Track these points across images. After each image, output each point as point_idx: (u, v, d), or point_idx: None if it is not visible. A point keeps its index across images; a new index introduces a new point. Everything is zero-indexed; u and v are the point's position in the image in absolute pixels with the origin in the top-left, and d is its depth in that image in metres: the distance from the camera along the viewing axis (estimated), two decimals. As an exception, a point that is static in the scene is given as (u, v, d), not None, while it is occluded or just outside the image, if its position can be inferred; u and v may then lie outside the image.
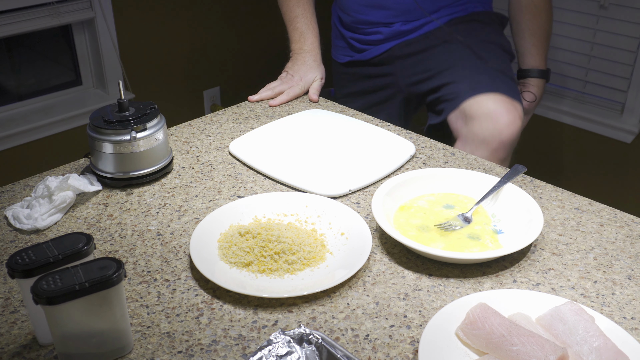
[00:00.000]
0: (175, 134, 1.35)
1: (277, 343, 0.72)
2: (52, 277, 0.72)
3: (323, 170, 1.19)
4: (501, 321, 0.79)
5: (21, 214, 1.03)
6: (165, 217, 1.07)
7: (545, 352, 0.74)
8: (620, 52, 2.48)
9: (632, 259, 0.97)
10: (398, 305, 0.88)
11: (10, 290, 0.91)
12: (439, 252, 0.93)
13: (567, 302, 0.83)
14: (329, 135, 1.31)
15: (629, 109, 2.53)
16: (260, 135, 1.31)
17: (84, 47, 2.66)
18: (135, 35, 2.71)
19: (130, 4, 2.65)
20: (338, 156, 1.24)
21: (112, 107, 1.16)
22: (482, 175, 1.11)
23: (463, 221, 1.02)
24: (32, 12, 2.41)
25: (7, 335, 0.83)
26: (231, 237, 0.99)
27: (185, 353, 0.80)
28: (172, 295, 0.90)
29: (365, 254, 0.93)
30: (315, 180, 1.15)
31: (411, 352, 0.80)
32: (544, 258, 0.98)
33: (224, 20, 3.00)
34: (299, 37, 1.56)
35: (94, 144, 1.13)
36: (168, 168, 1.19)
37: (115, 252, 0.99)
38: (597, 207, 1.10)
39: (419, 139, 1.32)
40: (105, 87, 2.71)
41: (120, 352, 0.79)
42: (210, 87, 3.09)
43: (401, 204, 1.07)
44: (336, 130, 1.33)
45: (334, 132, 1.32)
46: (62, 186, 1.06)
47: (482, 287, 0.92)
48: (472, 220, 1.03)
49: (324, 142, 1.28)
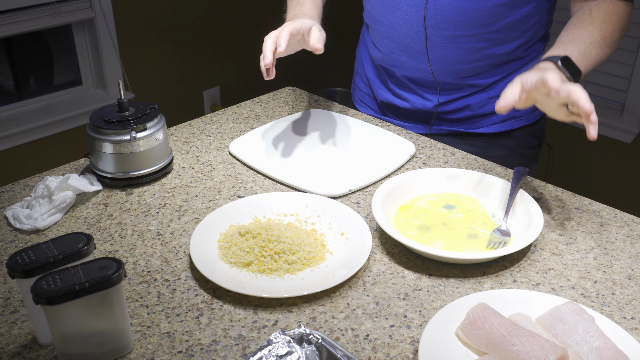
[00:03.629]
0: (175, 134, 1.35)
1: (277, 343, 0.72)
2: (52, 277, 0.72)
3: (323, 170, 1.19)
4: (501, 321, 0.79)
5: (21, 214, 1.03)
6: (165, 217, 1.07)
7: (545, 352, 0.73)
8: (620, 52, 2.48)
9: (632, 259, 0.97)
10: (398, 305, 0.88)
11: (10, 290, 0.91)
12: (439, 252, 0.93)
13: (567, 302, 0.83)
14: (329, 135, 1.31)
15: (629, 109, 2.53)
16: (260, 135, 1.31)
17: (84, 47, 2.66)
18: (135, 35, 2.71)
19: (130, 4, 2.65)
20: (338, 156, 1.24)
21: (112, 107, 1.15)
22: (482, 175, 1.11)
23: (502, 236, 1.00)
24: (32, 12, 2.41)
25: (7, 335, 0.83)
26: (231, 237, 0.99)
27: (185, 353, 0.80)
28: (172, 295, 0.90)
29: (365, 254, 0.93)
30: (315, 180, 1.15)
31: (411, 352, 0.80)
32: (544, 258, 0.97)
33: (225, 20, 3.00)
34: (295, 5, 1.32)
35: (94, 144, 1.13)
36: (168, 168, 1.19)
37: (115, 252, 0.99)
38: (597, 207, 1.10)
39: (419, 139, 1.32)
40: (105, 87, 2.71)
41: (120, 352, 0.79)
42: (210, 87, 3.09)
43: (401, 204, 1.07)
44: (336, 130, 1.33)
45: (334, 132, 1.32)
46: (62, 186, 1.06)
47: (482, 287, 0.92)
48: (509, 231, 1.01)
49: (324, 142, 1.28)
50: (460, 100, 1.36)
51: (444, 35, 1.27)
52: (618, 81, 2.54)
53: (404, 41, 1.32)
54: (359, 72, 1.54)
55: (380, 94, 1.45)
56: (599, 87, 2.60)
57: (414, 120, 1.41)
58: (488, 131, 1.39)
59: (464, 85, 1.34)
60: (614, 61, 2.51)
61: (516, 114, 1.38)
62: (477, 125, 1.39)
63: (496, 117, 1.38)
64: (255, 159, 1.22)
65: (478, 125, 1.39)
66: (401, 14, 1.29)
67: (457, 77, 1.33)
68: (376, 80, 1.46)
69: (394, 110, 1.44)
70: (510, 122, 1.39)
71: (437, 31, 1.27)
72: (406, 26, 1.30)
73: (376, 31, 1.38)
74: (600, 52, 1.17)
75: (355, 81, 1.57)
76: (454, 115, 1.37)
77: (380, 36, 1.37)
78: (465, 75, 1.33)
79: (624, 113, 2.55)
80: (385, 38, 1.35)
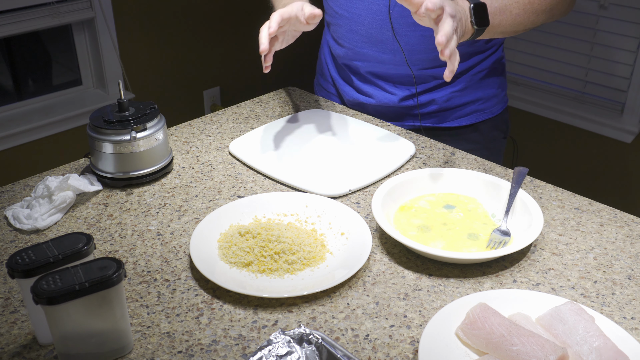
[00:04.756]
0: (175, 134, 1.35)
1: (277, 343, 0.72)
2: (52, 277, 0.72)
3: (323, 170, 1.19)
4: (501, 321, 0.79)
5: (21, 214, 1.03)
6: (165, 217, 1.07)
7: (545, 352, 0.74)
8: (620, 52, 2.48)
9: (632, 259, 0.97)
10: (398, 305, 0.88)
11: (10, 290, 0.91)
12: (439, 252, 0.93)
13: (567, 302, 0.83)
14: (329, 135, 1.31)
15: (629, 109, 2.53)
16: (260, 135, 1.31)
17: (84, 47, 2.66)
18: (135, 35, 2.71)
19: (130, 4, 2.65)
20: (338, 156, 1.24)
21: (112, 107, 1.16)
22: (482, 175, 1.11)
23: (502, 235, 1.00)
24: (32, 12, 2.41)
25: (7, 335, 0.83)
26: (231, 237, 0.99)
27: (185, 353, 0.80)
28: (172, 295, 0.90)
29: (365, 254, 0.93)
30: (315, 180, 1.15)
31: (411, 352, 0.80)
32: (544, 258, 0.97)
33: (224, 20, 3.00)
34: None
35: (94, 144, 1.13)
36: (168, 168, 1.19)
37: (115, 252, 0.99)
38: (597, 207, 1.10)
39: (419, 139, 1.32)
40: (105, 87, 2.71)
41: (120, 352, 0.79)
42: (210, 87, 3.09)
43: (401, 204, 1.07)
44: (336, 130, 1.33)
45: (334, 132, 1.32)
46: (62, 186, 1.06)
47: (482, 287, 0.92)
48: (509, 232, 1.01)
49: (324, 142, 1.28)
50: (425, 94, 1.38)
51: (407, 23, 1.28)
52: (618, 81, 2.54)
53: (367, 32, 1.33)
54: (323, 73, 1.55)
55: (346, 92, 1.47)
56: (599, 87, 2.60)
57: (379, 117, 1.42)
58: (454, 125, 1.40)
59: (427, 77, 1.35)
60: (614, 61, 2.51)
61: (480, 107, 1.40)
62: (442, 120, 1.40)
63: (461, 111, 1.40)
64: (255, 159, 1.22)
65: (443, 119, 1.40)
66: (364, 5, 1.30)
67: (420, 67, 1.33)
68: (340, 79, 1.48)
69: (361, 108, 1.45)
70: (475, 115, 1.41)
71: (400, 19, 1.28)
72: (370, 17, 1.31)
73: (338, 26, 1.39)
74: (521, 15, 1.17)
75: (320, 83, 1.58)
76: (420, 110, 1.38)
77: (343, 31, 1.38)
78: (428, 67, 1.34)
79: (624, 113, 2.55)
80: (349, 32, 1.36)
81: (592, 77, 2.60)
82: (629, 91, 2.52)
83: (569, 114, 2.66)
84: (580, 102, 2.67)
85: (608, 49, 2.50)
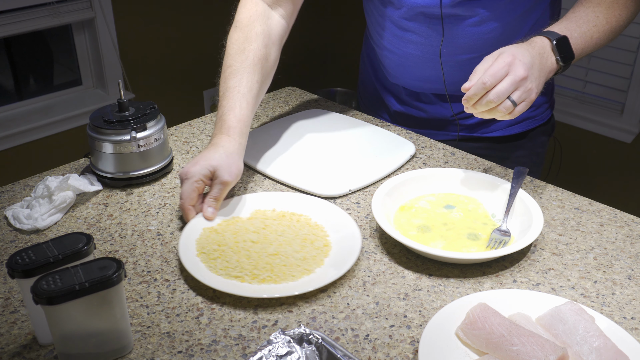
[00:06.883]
0: (175, 134, 1.35)
1: (277, 343, 0.72)
2: (52, 277, 0.72)
3: (323, 170, 1.19)
4: (501, 321, 0.79)
5: (21, 214, 1.03)
6: (165, 217, 1.07)
7: (545, 352, 0.74)
8: (620, 52, 2.48)
9: (632, 259, 0.97)
10: (398, 305, 0.88)
11: (10, 290, 0.91)
12: (439, 252, 0.93)
13: (567, 302, 0.83)
14: (329, 135, 1.31)
15: (629, 109, 2.53)
16: (260, 135, 1.31)
17: (84, 47, 2.66)
18: (135, 35, 2.71)
19: (130, 4, 2.65)
20: (338, 156, 1.24)
21: (112, 107, 1.15)
22: (482, 175, 1.11)
23: (502, 235, 1.00)
24: (32, 12, 2.41)
25: (7, 335, 0.83)
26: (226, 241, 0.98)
27: (185, 353, 0.80)
28: (172, 295, 0.90)
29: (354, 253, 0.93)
30: (315, 180, 1.15)
31: (411, 352, 0.80)
32: (544, 258, 0.97)
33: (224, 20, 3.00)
34: (225, 105, 1.13)
35: (94, 144, 1.13)
36: (168, 168, 1.19)
37: (115, 252, 0.99)
38: (597, 207, 1.10)
39: (419, 139, 1.32)
40: (105, 87, 2.71)
41: (120, 352, 0.79)
42: (210, 87, 3.09)
43: (401, 204, 1.07)
44: (336, 130, 1.33)
45: (334, 132, 1.32)
46: (62, 186, 1.06)
47: (482, 287, 0.92)
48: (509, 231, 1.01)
49: (324, 142, 1.28)
50: None
51: (458, 60, 1.26)
52: (618, 81, 2.54)
53: (417, 66, 1.31)
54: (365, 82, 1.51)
55: (393, 103, 1.44)
56: (599, 87, 2.60)
57: (430, 127, 1.40)
58: (504, 134, 1.38)
59: None
60: (614, 61, 2.51)
61: (531, 114, 1.37)
62: (493, 129, 1.38)
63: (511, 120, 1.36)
64: (255, 159, 1.22)
65: (494, 129, 1.38)
66: (414, 45, 1.28)
67: None
68: (387, 94, 1.45)
69: (409, 120, 1.42)
70: (526, 122, 1.38)
71: (451, 57, 1.26)
72: (421, 56, 1.29)
73: (387, 58, 1.36)
74: (601, 37, 1.14)
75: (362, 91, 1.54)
76: (469, 120, 1.36)
77: (392, 64, 1.36)
78: None
79: (624, 113, 2.55)
80: (399, 67, 1.35)
81: (592, 77, 2.60)
82: (629, 91, 2.52)
83: (569, 113, 2.66)
84: (580, 102, 2.67)
85: (608, 49, 2.50)
